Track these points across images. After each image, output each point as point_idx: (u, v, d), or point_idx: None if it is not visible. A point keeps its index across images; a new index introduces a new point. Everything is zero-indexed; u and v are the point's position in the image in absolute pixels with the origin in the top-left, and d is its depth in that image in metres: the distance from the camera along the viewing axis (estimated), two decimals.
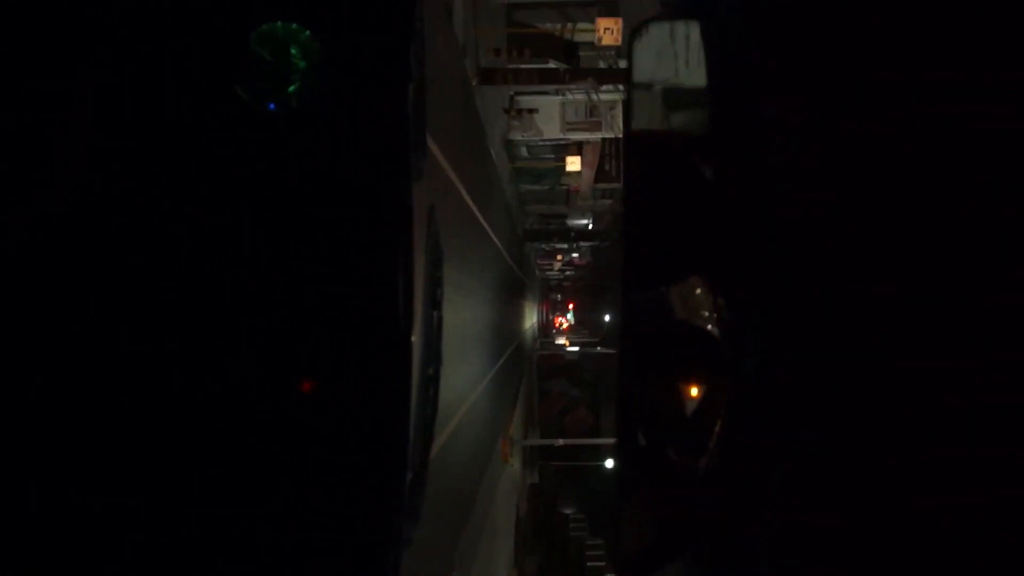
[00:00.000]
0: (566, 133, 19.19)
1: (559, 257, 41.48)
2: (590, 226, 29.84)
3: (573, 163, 19.81)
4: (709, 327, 1.23)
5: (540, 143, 20.57)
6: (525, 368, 25.37)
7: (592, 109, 17.97)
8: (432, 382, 1.45)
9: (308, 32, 1.06)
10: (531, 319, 35.95)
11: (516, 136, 18.91)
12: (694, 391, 1.22)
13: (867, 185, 1.21)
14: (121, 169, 1.12)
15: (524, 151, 21.71)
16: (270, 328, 1.21)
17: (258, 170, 1.14)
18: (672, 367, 1.23)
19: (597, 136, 19.01)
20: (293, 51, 1.06)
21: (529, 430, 25.43)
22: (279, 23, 1.06)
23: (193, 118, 1.13)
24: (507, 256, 18.95)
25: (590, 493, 22.99)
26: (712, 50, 1.15)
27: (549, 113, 18.70)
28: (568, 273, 47.75)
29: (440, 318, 1.46)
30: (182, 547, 1.19)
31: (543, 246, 37.35)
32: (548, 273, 48.03)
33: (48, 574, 1.07)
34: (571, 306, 49.83)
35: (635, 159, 1.31)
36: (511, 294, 21.72)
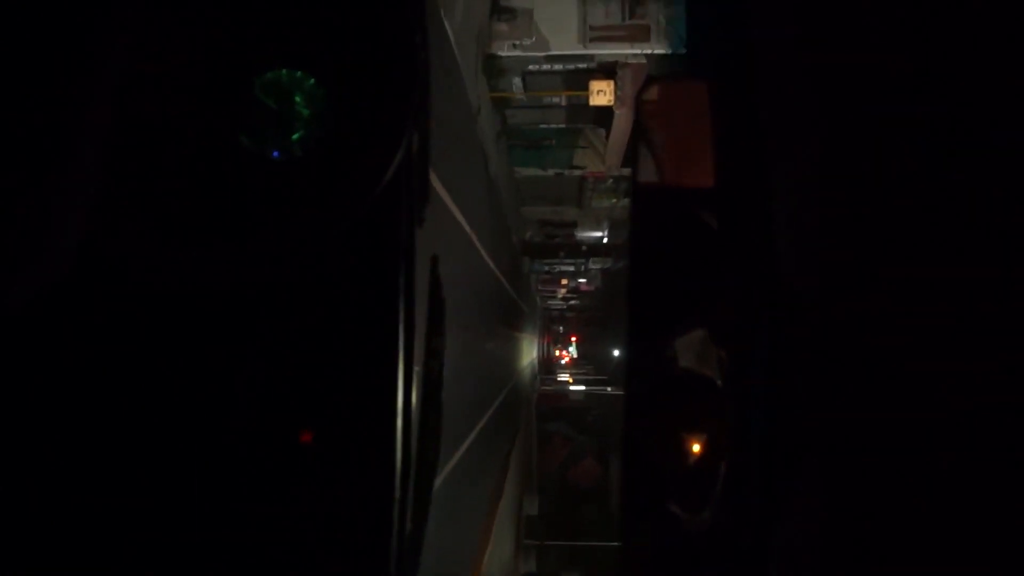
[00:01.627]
0: (588, 46, 12.98)
1: (564, 282, 38.24)
2: (605, 239, 26.47)
3: (601, 91, 13.27)
4: (713, 378, 1.42)
5: (543, 69, 14.45)
6: (521, 416, 23.29)
7: (634, 3, 12.40)
8: (433, 431, 1.66)
9: (312, 80, 1.23)
10: (530, 354, 33.52)
11: (503, 49, 12.85)
12: (697, 442, 1.43)
13: (872, 239, 1.43)
14: (125, 220, 1.34)
15: (517, 85, 15.10)
16: (269, 378, 1.43)
17: (260, 218, 1.37)
18: (676, 417, 1.44)
19: (642, 51, 12.57)
20: (297, 99, 1.24)
21: (526, 497, 23.01)
22: (283, 71, 1.23)
23: (197, 166, 1.36)
24: (501, 278, 16.80)
25: None
26: (717, 104, 1.49)
27: (559, 14, 12.75)
28: (573, 303, 47.73)
29: (441, 368, 1.67)
30: None
31: (546, 267, 33.60)
32: (551, 303, 48.02)
33: None
34: (574, 339, 50.37)
35: (643, 209, 1.49)
36: (506, 324, 19.87)
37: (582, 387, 33.06)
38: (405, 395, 1.45)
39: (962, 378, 1.26)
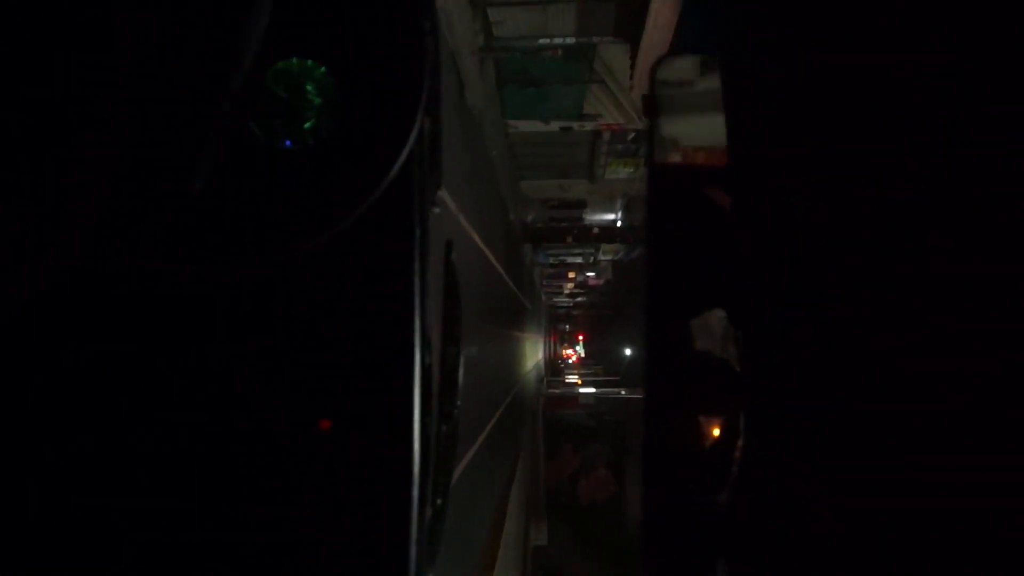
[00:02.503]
0: None
1: (571, 275, 37.22)
2: (618, 221, 24.92)
3: None
4: (730, 359, 1.56)
5: None
6: (525, 431, 21.77)
7: None
8: (452, 419, 1.81)
9: (323, 69, 1.34)
10: (535, 355, 32.53)
11: None
12: (714, 424, 1.58)
13: (891, 219, 1.56)
14: (137, 215, 1.48)
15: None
16: (287, 367, 1.57)
17: (274, 208, 1.52)
18: (693, 399, 1.59)
19: None
20: (308, 88, 1.35)
21: (533, 524, 21.24)
22: (294, 60, 1.34)
23: (209, 156, 1.50)
24: (498, 266, 15.60)
25: None
26: (732, 85, 1.52)
27: None
28: (580, 299, 47.48)
29: (459, 354, 1.82)
30: None
31: (551, 259, 32.66)
32: (556, 300, 47.76)
33: None
34: (581, 338, 50.58)
35: (658, 191, 1.64)
36: (507, 325, 18.70)
37: (592, 389, 32.16)
38: (424, 382, 1.56)
39: (985, 376, 1.40)
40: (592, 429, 26.82)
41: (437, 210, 1.60)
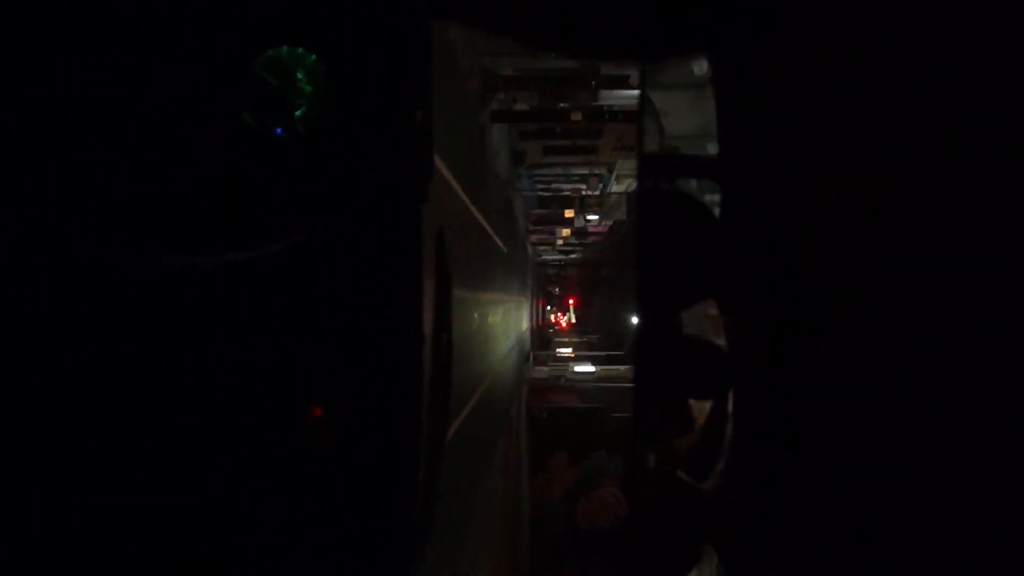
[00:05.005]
0: None
1: (568, 215, 31.41)
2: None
3: None
4: (720, 346, 1.94)
5: None
6: (502, 434, 19.93)
7: None
8: (443, 405, 2.00)
9: (314, 57, 1.61)
10: (519, 324, 28.56)
11: None
12: (703, 409, 1.96)
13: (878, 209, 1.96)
14: (130, 201, 1.52)
15: None
16: (279, 354, 1.71)
17: (265, 195, 1.62)
18: (683, 384, 1.99)
19: None
20: (299, 76, 1.62)
21: (507, 559, 18.01)
22: (284, 48, 1.61)
23: (200, 144, 1.57)
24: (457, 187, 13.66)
25: None
26: (722, 88, 1.82)
27: None
28: (574, 256, 44.94)
29: (450, 341, 2.04)
30: (191, 569, 1.69)
31: (539, 187, 27.39)
32: (546, 257, 46.06)
33: None
34: (571, 302, 50.34)
35: (649, 181, 2.02)
36: (480, 285, 17.12)
37: (591, 368, 29.10)
38: (415, 369, 1.89)
39: (976, 378, 1.63)
40: (598, 422, 24.33)
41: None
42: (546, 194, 30.32)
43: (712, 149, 1.89)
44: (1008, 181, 1.69)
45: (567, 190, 29.87)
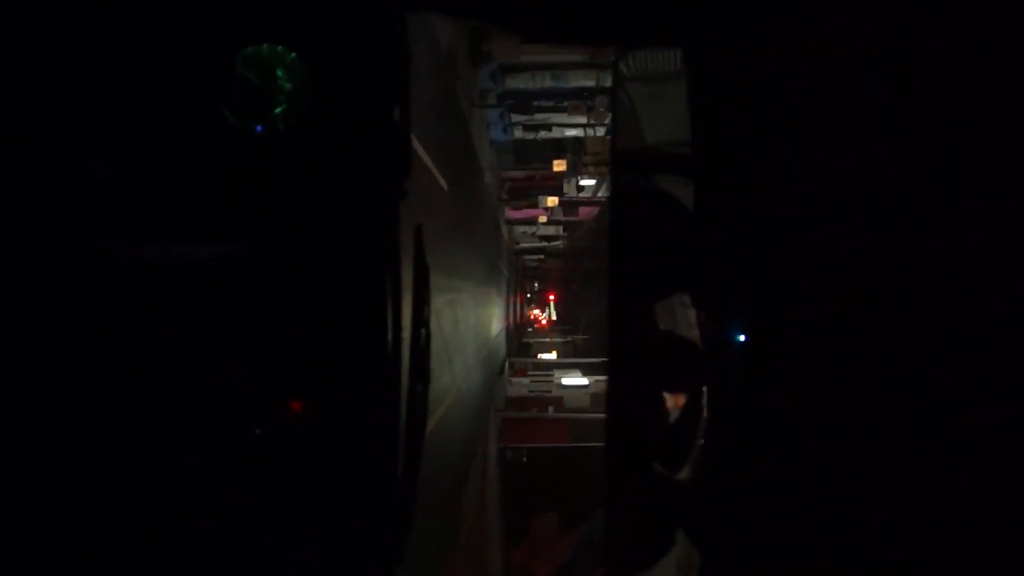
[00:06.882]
0: None
1: (556, 167, 22.95)
2: None
3: None
4: (694, 340, 1.97)
5: None
6: (461, 491, 13.71)
7: None
8: (421, 399, 2.00)
9: (293, 54, 1.62)
10: (487, 327, 21.93)
11: None
12: (678, 402, 1.99)
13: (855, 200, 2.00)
14: (111, 195, 1.89)
15: None
16: (258, 349, 1.69)
17: (245, 192, 1.62)
18: (657, 377, 2.01)
19: None
20: (279, 73, 1.64)
21: None
22: (264, 45, 1.62)
23: (181, 141, 1.56)
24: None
25: None
26: (695, 81, 1.85)
27: None
28: (558, 243, 42.85)
29: (428, 335, 2.30)
30: (176, 564, 1.69)
31: (517, 130, 20.31)
32: (524, 244, 44.04)
33: None
34: (552, 298, 49.33)
35: (622, 176, 2.06)
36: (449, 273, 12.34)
37: (581, 380, 23.87)
38: (394, 363, 1.90)
39: (947, 370, 1.64)
40: (597, 467, 18.42)
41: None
42: (528, 136, 21.24)
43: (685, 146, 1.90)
44: (981, 174, 1.72)
45: (557, 122, 19.37)
